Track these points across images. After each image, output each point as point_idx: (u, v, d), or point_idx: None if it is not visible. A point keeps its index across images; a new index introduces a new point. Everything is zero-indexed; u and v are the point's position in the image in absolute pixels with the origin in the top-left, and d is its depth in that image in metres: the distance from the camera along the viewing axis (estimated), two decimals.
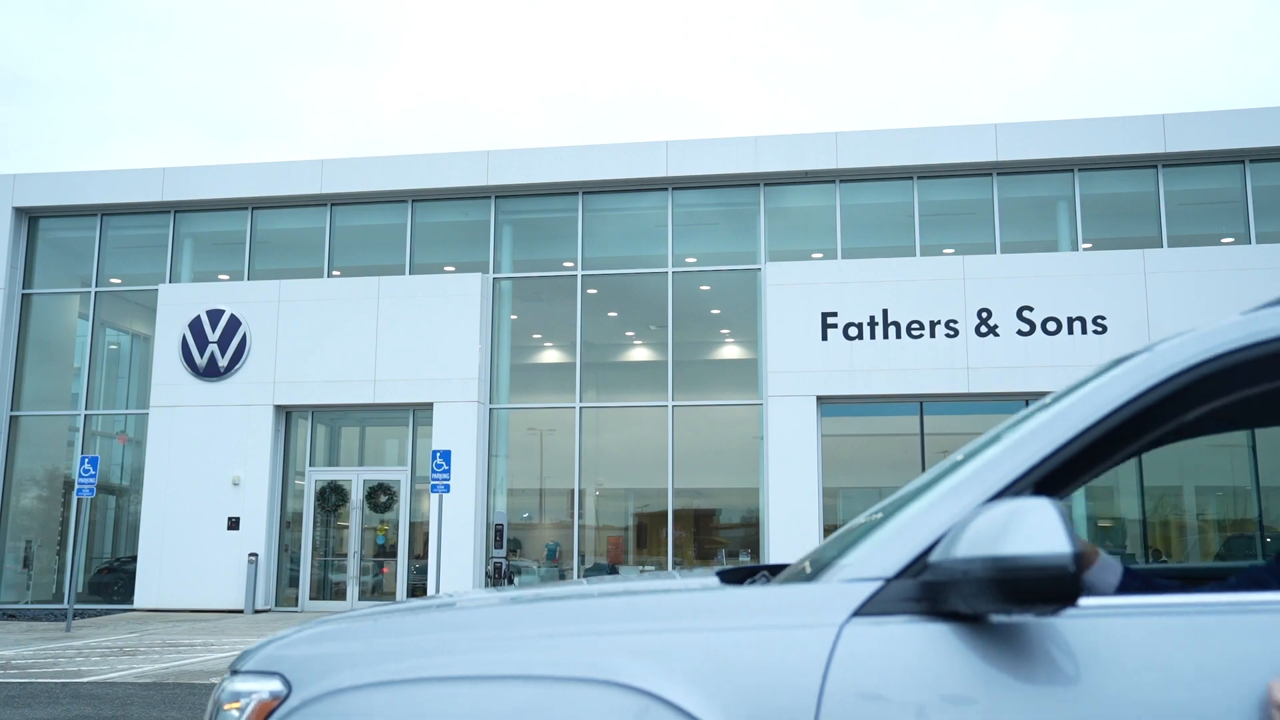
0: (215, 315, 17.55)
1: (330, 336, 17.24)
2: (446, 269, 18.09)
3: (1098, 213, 16.76)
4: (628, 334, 18.77)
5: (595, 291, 17.84)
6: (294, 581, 17.41)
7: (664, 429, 16.85)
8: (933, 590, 1.63)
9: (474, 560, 16.41)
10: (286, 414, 17.64)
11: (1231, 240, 16.48)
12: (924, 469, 11.58)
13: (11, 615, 17.32)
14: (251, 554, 16.75)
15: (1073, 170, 16.71)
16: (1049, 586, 1.50)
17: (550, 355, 18.78)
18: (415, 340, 17.06)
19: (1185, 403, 1.77)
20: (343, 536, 17.65)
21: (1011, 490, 1.70)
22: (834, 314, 16.17)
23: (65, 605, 16.45)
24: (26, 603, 18.33)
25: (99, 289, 18.87)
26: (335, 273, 18.34)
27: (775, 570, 1.88)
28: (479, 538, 16.68)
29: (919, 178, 17.03)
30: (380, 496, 17.59)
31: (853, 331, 16.07)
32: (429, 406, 16.98)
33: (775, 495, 15.92)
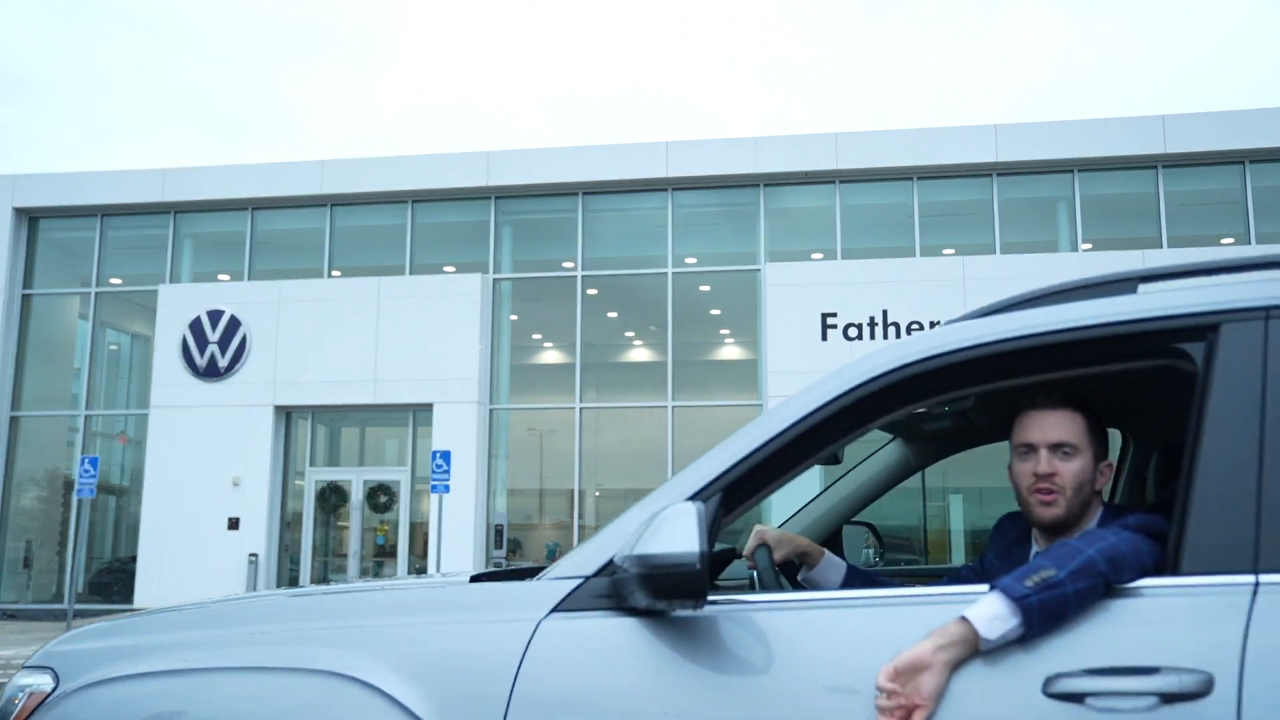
0: (215, 316, 17.55)
1: (330, 337, 17.24)
2: (446, 269, 18.10)
3: (1098, 213, 16.76)
4: (627, 334, 18.78)
5: (595, 292, 17.84)
6: (294, 582, 17.42)
7: (664, 429, 16.86)
8: (617, 587, 1.80)
9: (474, 560, 16.42)
10: (287, 414, 17.64)
11: (1231, 241, 16.49)
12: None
13: (11, 615, 17.33)
14: (252, 554, 16.76)
15: (1073, 171, 16.71)
16: (681, 583, 1.67)
17: (550, 356, 18.78)
18: (415, 341, 17.06)
19: (874, 410, 1.93)
20: (343, 537, 17.66)
21: (702, 495, 1.87)
22: (834, 315, 16.17)
23: (65, 605, 16.45)
24: (26, 603, 18.33)
25: (99, 289, 18.87)
26: (335, 273, 18.34)
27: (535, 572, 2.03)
28: (479, 538, 16.68)
29: (919, 178, 17.03)
30: (380, 497, 17.60)
31: (853, 332, 16.07)
32: (429, 407, 16.98)
33: (776, 497, 15.89)
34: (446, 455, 14.26)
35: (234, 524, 16.96)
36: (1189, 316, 1.82)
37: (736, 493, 1.92)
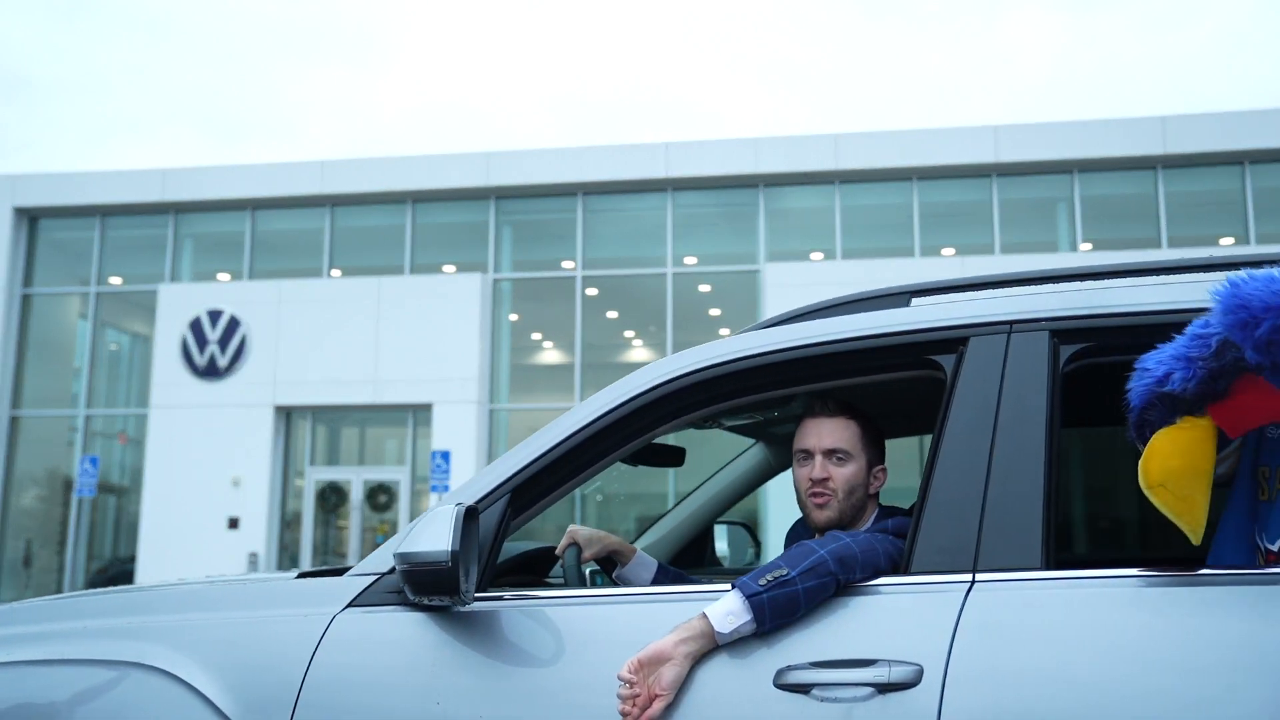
0: (215, 315, 17.55)
1: (330, 337, 17.24)
2: (446, 269, 18.10)
3: (1097, 214, 16.76)
4: (627, 334, 18.77)
5: (595, 292, 17.84)
6: None
7: None
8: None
9: None
10: (286, 414, 17.65)
11: (1232, 241, 16.49)
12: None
13: None
14: (252, 554, 16.77)
15: (1072, 171, 16.71)
16: (434, 580, 1.79)
17: (550, 356, 18.79)
18: (415, 341, 17.06)
19: (658, 417, 2.07)
20: (342, 536, 17.66)
21: (489, 497, 2.00)
22: None
23: None
24: None
25: (99, 289, 18.87)
26: (335, 273, 18.34)
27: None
28: None
29: (919, 179, 17.03)
30: (380, 496, 17.60)
31: None
32: (429, 407, 16.98)
33: (776, 498, 15.92)
34: (446, 455, 14.27)
35: (234, 523, 16.97)
36: (942, 330, 1.94)
37: (525, 495, 2.04)
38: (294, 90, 59.22)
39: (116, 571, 18.26)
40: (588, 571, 2.53)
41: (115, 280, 19.08)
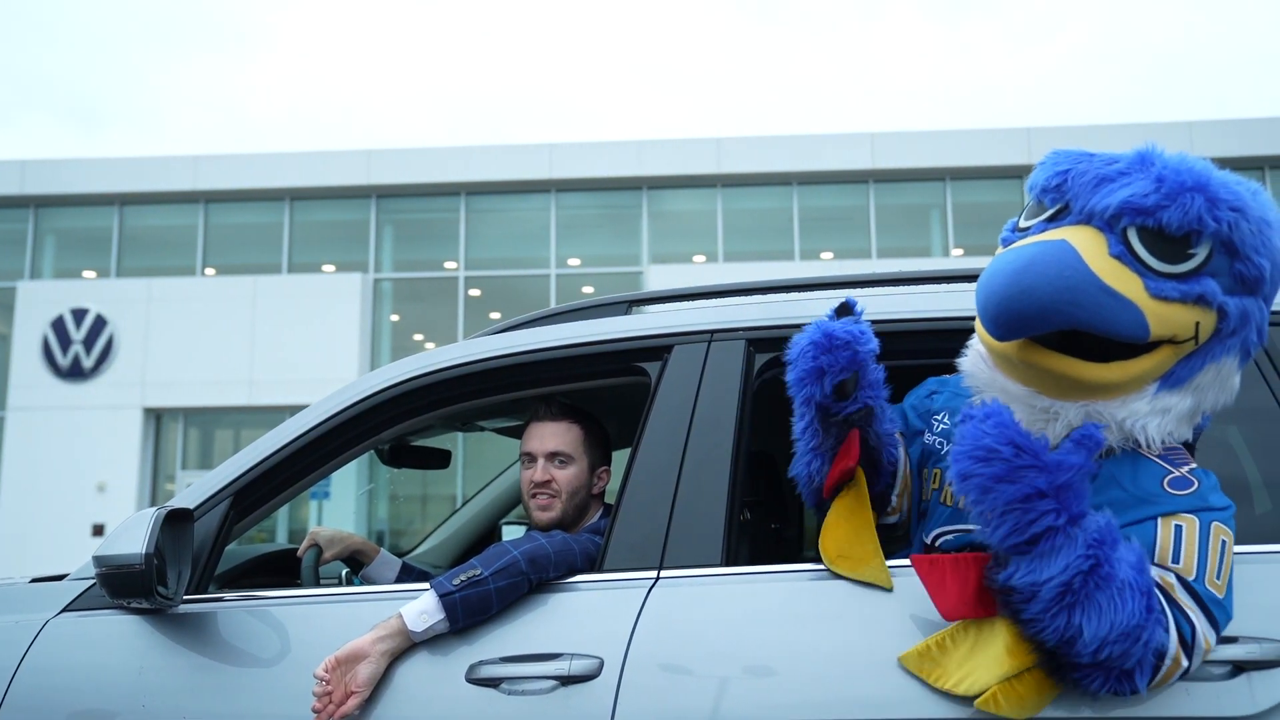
0: (80, 314, 16.93)
1: (204, 337, 16.79)
2: (326, 269, 17.77)
3: (968, 220, 17.27)
4: None
5: (478, 293, 17.71)
6: None
7: None
8: None
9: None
10: (157, 416, 17.13)
11: None
12: None
13: None
14: None
15: (945, 179, 17.18)
16: (129, 582, 1.80)
17: None
18: (293, 341, 16.71)
19: (382, 422, 2.12)
20: None
21: (209, 501, 2.02)
22: None
23: None
24: None
25: None
26: (209, 271, 17.86)
27: None
28: None
29: (799, 183, 17.31)
30: None
31: None
32: (306, 408, 16.61)
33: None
34: None
35: (99, 531, 16.38)
36: (649, 339, 2.02)
37: (249, 498, 2.07)
38: (157, 80, 57.12)
39: None
40: (343, 573, 2.54)
41: None
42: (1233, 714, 1.52)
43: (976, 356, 1.68)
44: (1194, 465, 1.58)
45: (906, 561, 1.66)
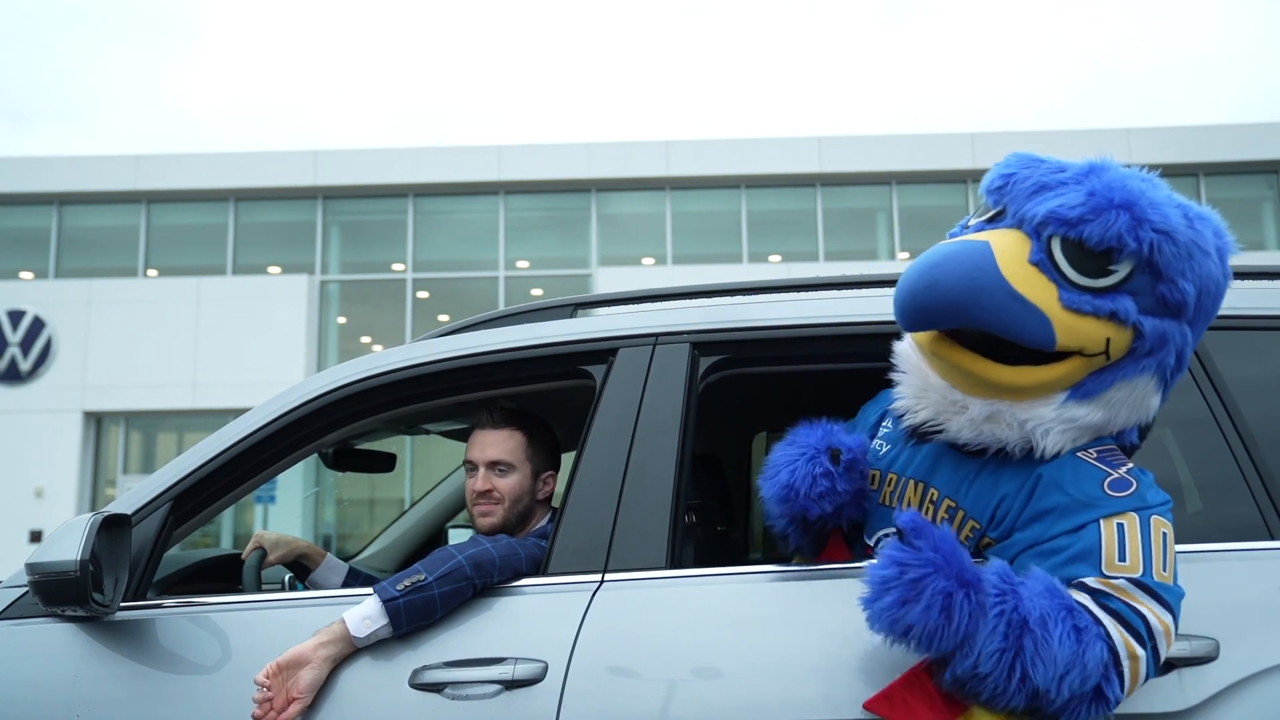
0: (16, 316, 16.56)
1: (146, 339, 16.50)
2: (271, 270, 17.55)
3: (914, 224, 17.49)
4: None
5: (426, 295, 17.59)
6: None
7: None
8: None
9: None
10: (97, 420, 16.80)
11: None
12: None
13: None
14: None
15: (891, 183, 17.39)
16: (62, 590, 1.77)
17: None
18: (237, 344, 16.48)
19: (326, 425, 2.11)
20: None
21: (147, 507, 2.00)
22: None
23: None
24: None
25: None
26: (152, 273, 17.55)
27: None
28: None
29: (747, 186, 17.42)
30: None
31: None
32: (250, 410, 16.40)
33: None
34: None
35: (36, 537, 16.02)
36: (594, 341, 2.03)
37: (189, 503, 2.04)
38: (89, 75, 55.68)
39: None
40: (287, 578, 2.52)
41: None
42: (1165, 710, 1.57)
43: (911, 342, 1.72)
44: (1131, 465, 1.61)
45: (860, 564, 1.68)
